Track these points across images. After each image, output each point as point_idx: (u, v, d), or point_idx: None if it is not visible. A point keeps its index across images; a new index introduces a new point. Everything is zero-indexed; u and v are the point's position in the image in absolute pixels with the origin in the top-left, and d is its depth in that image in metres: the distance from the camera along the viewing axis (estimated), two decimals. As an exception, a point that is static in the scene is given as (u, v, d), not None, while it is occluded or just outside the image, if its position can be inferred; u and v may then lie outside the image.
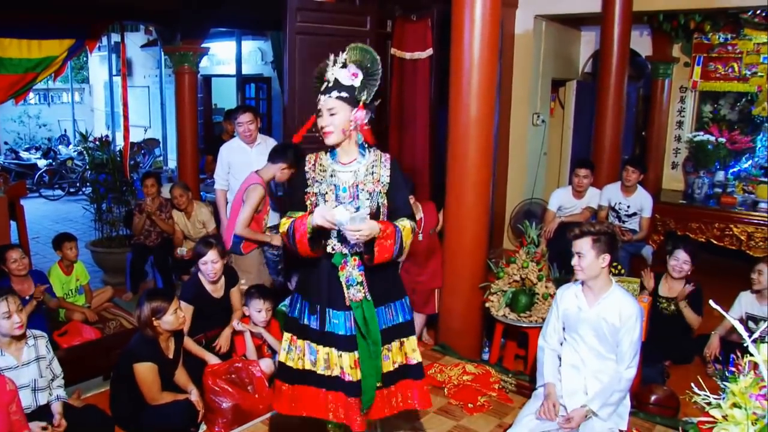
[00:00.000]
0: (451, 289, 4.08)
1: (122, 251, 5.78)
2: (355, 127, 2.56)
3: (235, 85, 10.11)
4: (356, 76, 2.54)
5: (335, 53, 2.61)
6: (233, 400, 3.33)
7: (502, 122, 5.89)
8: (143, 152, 10.75)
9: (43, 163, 11.03)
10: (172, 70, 6.58)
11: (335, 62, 2.56)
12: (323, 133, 2.55)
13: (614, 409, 2.84)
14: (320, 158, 2.65)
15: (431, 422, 3.27)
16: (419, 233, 3.87)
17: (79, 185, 10.63)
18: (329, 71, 2.55)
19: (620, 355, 2.82)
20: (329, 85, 2.55)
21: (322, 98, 2.55)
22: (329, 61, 2.57)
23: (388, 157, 2.68)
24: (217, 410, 3.33)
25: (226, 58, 10.70)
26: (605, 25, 5.54)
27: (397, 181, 2.65)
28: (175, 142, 6.74)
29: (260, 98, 10.66)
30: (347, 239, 2.47)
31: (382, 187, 2.61)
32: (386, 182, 2.62)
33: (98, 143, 6.56)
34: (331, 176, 2.60)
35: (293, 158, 3.95)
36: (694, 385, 1.62)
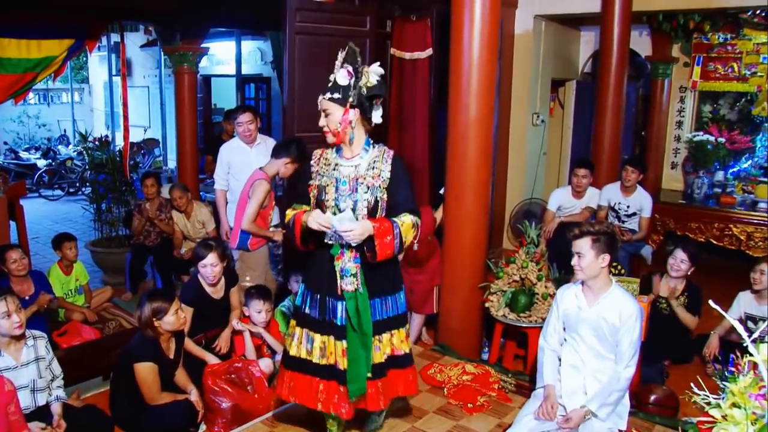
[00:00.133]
0: (450, 288, 4.08)
1: (122, 251, 5.78)
2: (343, 127, 2.64)
3: (234, 85, 10.09)
4: (351, 75, 2.62)
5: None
6: (233, 400, 3.33)
7: (501, 122, 5.89)
8: (143, 152, 10.75)
9: (42, 163, 11.02)
10: (171, 70, 6.56)
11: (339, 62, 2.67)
12: (323, 132, 2.69)
13: (613, 408, 2.84)
14: (326, 153, 2.80)
15: (430, 422, 3.27)
16: (415, 243, 3.90)
17: (78, 185, 10.63)
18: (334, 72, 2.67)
19: (619, 354, 2.82)
20: (329, 85, 2.66)
21: (319, 99, 2.68)
22: (337, 61, 2.67)
23: (391, 153, 2.76)
24: (216, 410, 3.33)
25: (225, 58, 10.69)
26: (605, 25, 5.54)
27: (398, 177, 2.71)
28: (174, 142, 6.73)
29: (260, 98, 10.65)
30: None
31: (381, 182, 2.68)
32: (386, 177, 2.69)
33: (98, 143, 6.56)
34: (333, 170, 2.72)
35: (296, 153, 4.01)
36: (693, 384, 1.62)
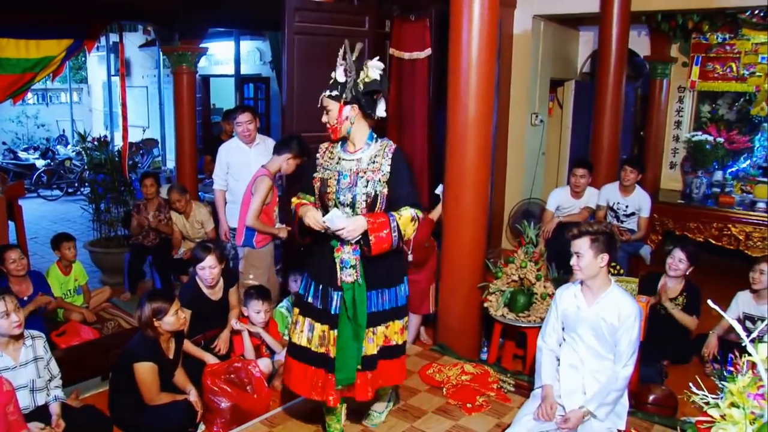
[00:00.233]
0: (449, 288, 4.07)
1: (120, 251, 5.77)
2: (339, 123, 2.72)
3: (233, 85, 10.08)
4: (348, 72, 2.66)
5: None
6: (232, 400, 3.33)
7: (500, 122, 5.89)
8: (142, 152, 10.74)
9: (41, 163, 11.01)
10: (170, 70, 6.56)
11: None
12: (327, 129, 2.80)
13: (611, 408, 2.84)
14: (331, 147, 2.88)
15: (429, 422, 3.27)
16: (409, 253, 3.93)
17: (77, 185, 10.61)
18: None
19: (618, 354, 2.83)
20: (329, 83, 2.72)
21: (320, 97, 2.75)
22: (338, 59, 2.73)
23: (393, 148, 2.81)
24: (215, 410, 3.32)
25: (224, 58, 10.68)
26: (603, 25, 5.54)
27: (398, 171, 2.76)
28: (173, 142, 6.73)
29: (258, 98, 10.65)
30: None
31: (381, 176, 2.73)
32: (386, 171, 2.74)
33: (96, 143, 6.56)
34: (337, 163, 2.80)
35: (298, 149, 4.05)
36: (692, 384, 1.62)
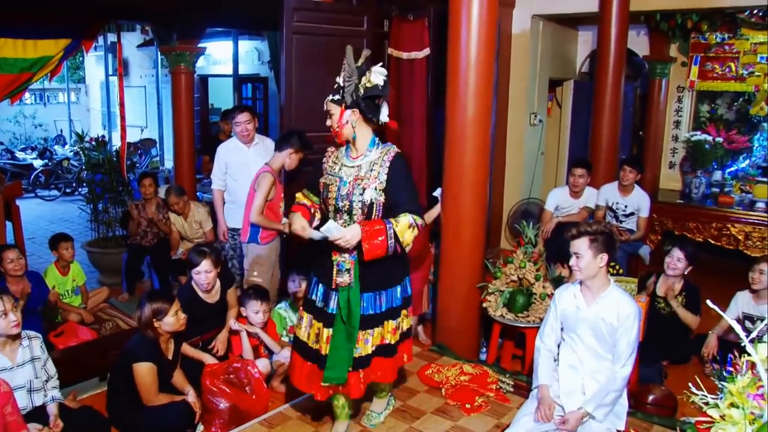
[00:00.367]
0: (448, 289, 4.07)
1: (118, 252, 5.75)
2: (340, 127, 2.74)
3: (231, 85, 10.07)
4: (348, 77, 2.67)
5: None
6: (230, 400, 3.32)
7: (499, 122, 5.88)
8: (140, 152, 10.71)
9: (39, 163, 10.98)
10: (168, 70, 6.54)
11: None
12: (331, 132, 2.83)
13: (610, 409, 2.83)
14: (336, 152, 2.91)
15: (428, 422, 3.26)
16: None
17: (75, 185, 10.58)
18: None
19: (617, 354, 2.82)
20: (334, 86, 2.76)
21: (325, 101, 2.79)
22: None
23: (392, 155, 2.80)
24: (214, 411, 3.31)
25: (222, 58, 10.66)
26: (602, 24, 5.53)
27: (396, 178, 2.75)
28: (171, 142, 6.71)
29: (257, 98, 10.63)
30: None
31: (378, 183, 2.74)
32: (383, 180, 2.74)
33: (94, 143, 6.54)
34: (339, 169, 2.82)
35: (299, 143, 4.07)
36: (691, 384, 1.62)
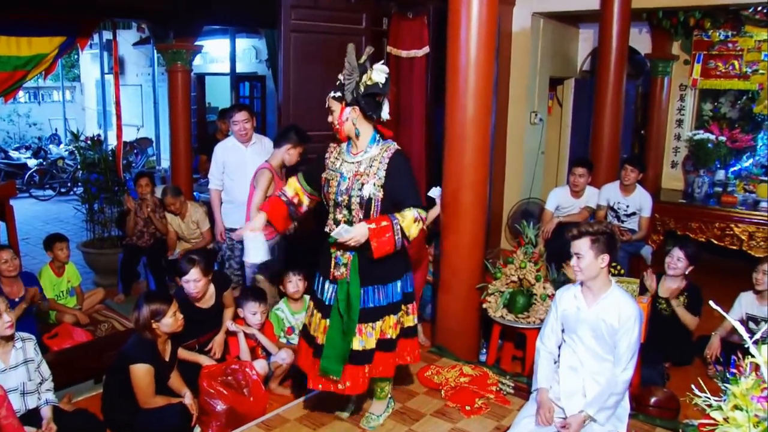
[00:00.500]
0: (448, 289, 4.04)
1: (114, 252, 5.71)
2: (340, 123, 2.78)
3: (229, 83, 10.05)
4: (349, 74, 2.75)
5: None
6: (228, 402, 3.29)
7: (499, 121, 5.85)
8: (136, 152, 10.67)
9: (33, 162, 10.91)
10: (165, 68, 6.49)
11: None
12: (332, 129, 2.86)
13: (612, 412, 2.81)
14: (338, 147, 2.95)
15: (428, 424, 3.24)
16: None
17: (70, 185, 10.51)
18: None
19: (617, 357, 2.79)
20: (336, 84, 2.79)
21: (327, 98, 2.84)
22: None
23: (391, 151, 2.84)
24: (211, 413, 3.29)
25: (219, 56, 10.62)
26: (604, 22, 5.50)
27: (396, 174, 2.79)
28: (168, 141, 6.66)
29: (254, 97, 10.59)
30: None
31: (377, 180, 2.78)
32: (381, 176, 2.78)
33: (90, 142, 6.49)
34: (340, 165, 2.87)
35: (296, 138, 4.08)
36: (694, 386, 1.60)
